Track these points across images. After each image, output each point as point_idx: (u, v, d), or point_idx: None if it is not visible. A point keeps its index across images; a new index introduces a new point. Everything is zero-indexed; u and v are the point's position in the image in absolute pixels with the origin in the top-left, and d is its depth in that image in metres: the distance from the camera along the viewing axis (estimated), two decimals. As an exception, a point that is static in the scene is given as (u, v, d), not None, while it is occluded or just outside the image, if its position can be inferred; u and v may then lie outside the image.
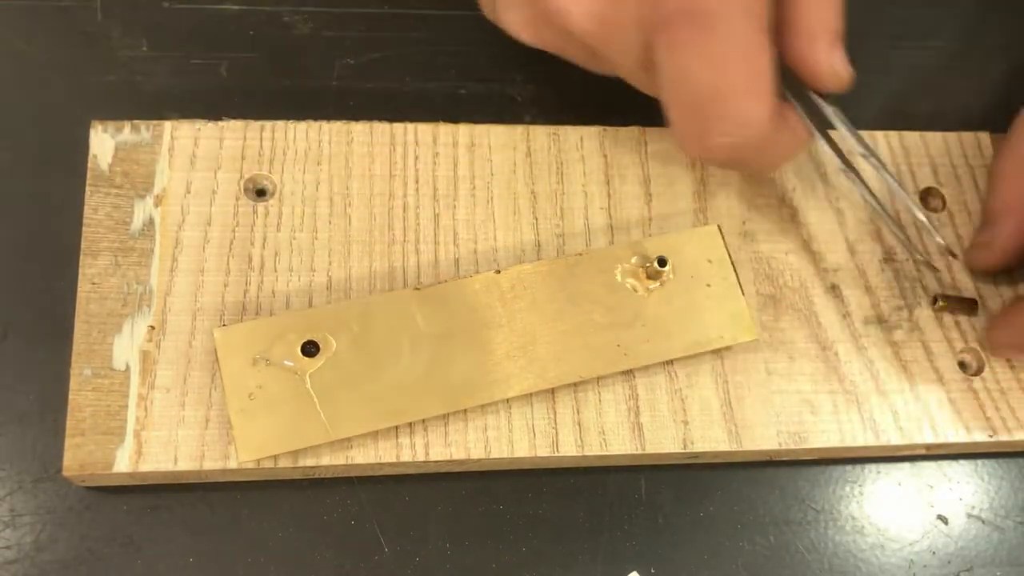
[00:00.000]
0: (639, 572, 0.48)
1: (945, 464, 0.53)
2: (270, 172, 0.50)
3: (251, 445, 0.44)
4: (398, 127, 0.52)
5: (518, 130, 0.54)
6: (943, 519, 0.52)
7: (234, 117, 0.51)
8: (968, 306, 0.53)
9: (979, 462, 0.53)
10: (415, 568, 0.47)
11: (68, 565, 0.45)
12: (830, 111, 0.48)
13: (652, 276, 0.50)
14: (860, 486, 0.52)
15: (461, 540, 0.48)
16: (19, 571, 0.45)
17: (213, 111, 0.51)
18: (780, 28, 0.46)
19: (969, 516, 0.52)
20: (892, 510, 0.52)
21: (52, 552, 0.45)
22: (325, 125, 0.52)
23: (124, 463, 0.44)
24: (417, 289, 0.48)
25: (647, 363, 0.48)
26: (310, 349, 0.46)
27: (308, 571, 0.46)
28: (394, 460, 0.46)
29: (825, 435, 0.50)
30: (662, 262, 0.49)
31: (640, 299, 0.49)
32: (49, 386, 0.47)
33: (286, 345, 0.46)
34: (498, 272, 0.49)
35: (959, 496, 0.52)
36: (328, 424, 0.45)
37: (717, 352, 0.50)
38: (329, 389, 0.45)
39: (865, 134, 0.54)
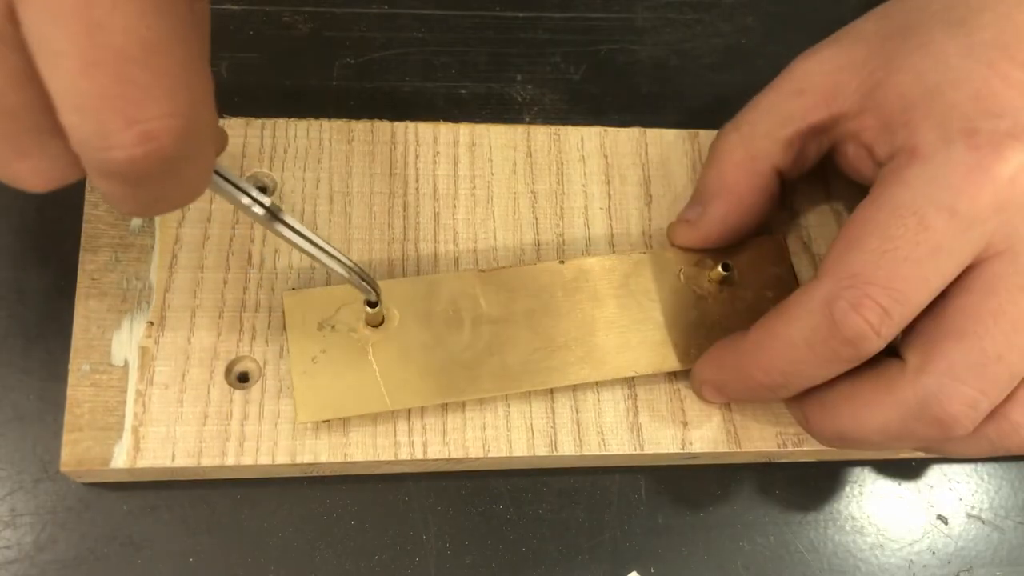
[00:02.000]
0: (639, 572, 0.48)
1: (945, 464, 0.53)
2: (271, 170, 0.50)
3: (310, 407, 0.45)
4: (399, 126, 0.53)
5: (518, 130, 0.54)
6: (943, 519, 0.52)
7: (235, 116, 0.51)
8: None
9: (979, 462, 0.53)
10: (415, 568, 0.47)
11: (68, 565, 0.45)
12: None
13: (715, 280, 0.50)
14: (860, 486, 0.52)
15: (461, 540, 0.48)
16: (19, 571, 0.45)
17: (213, 111, 0.51)
18: None
19: (969, 516, 0.52)
20: (892, 510, 0.52)
21: (52, 552, 0.45)
22: (326, 123, 0.52)
23: (122, 459, 0.44)
24: (482, 271, 0.49)
25: None
26: (375, 318, 0.46)
27: (308, 571, 0.46)
28: (392, 458, 0.46)
29: None
30: (726, 267, 0.49)
31: (702, 301, 0.50)
32: (49, 386, 0.47)
33: (352, 313, 0.46)
34: (562, 262, 0.49)
35: (959, 496, 0.52)
36: (387, 394, 0.45)
37: None
38: (390, 360, 0.46)
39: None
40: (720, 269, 0.49)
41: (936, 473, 0.53)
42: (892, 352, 0.43)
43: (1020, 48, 0.41)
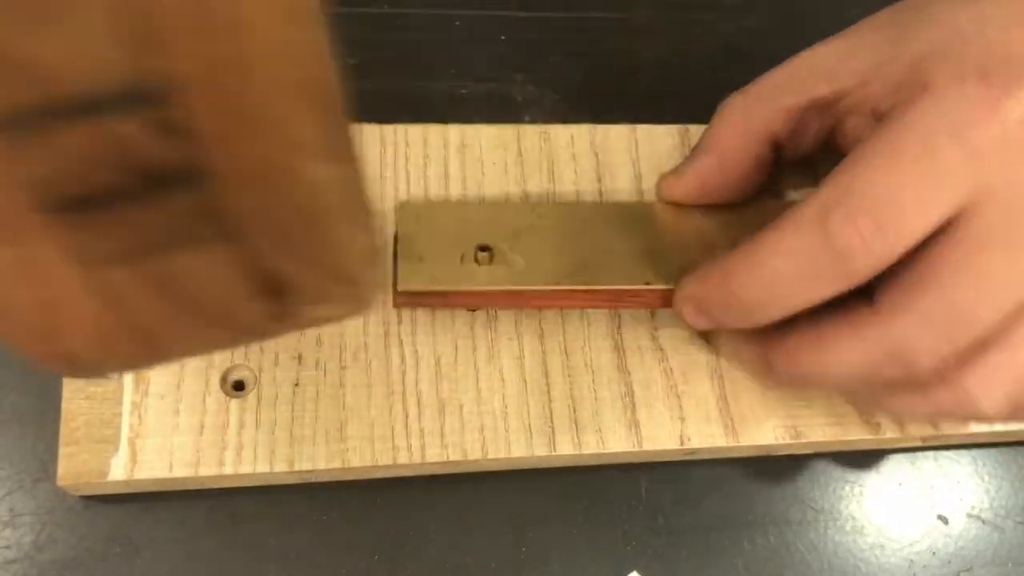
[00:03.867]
0: (639, 572, 0.48)
1: (946, 464, 0.53)
2: (261, 175, 0.50)
3: (415, 276, 0.47)
4: (387, 128, 0.53)
5: (508, 130, 0.54)
6: (943, 519, 0.52)
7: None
8: None
9: (980, 462, 0.53)
10: (415, 569, 0.47)
11: (67, 565, 0.45)
12: None
13: None
14: (860, 486, 0.52)
15: (461, 540, 0.48)
16: (19, 571, 0.45)
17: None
18: None
19: (969, 516, 0.52)
20: (892, 510, 0.52)
21: (52, 552, 0.45)
22: (319, 125, 0.51)
23: (119, 471, 0.44)
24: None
25: None
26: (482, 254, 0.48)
27: (308, 572, 0.47)
28: (390, 462, 0.46)
29: (822, 429, 0.50)
30: None
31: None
32: (49, 386, 0.47)
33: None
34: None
35: (959, 496, 0.52)
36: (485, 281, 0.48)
37: (712, 349, 0.50)
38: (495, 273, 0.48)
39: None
40: None
41: (937, 473, 0.52)
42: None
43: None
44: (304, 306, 0.29)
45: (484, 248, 0.48)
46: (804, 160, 0.51)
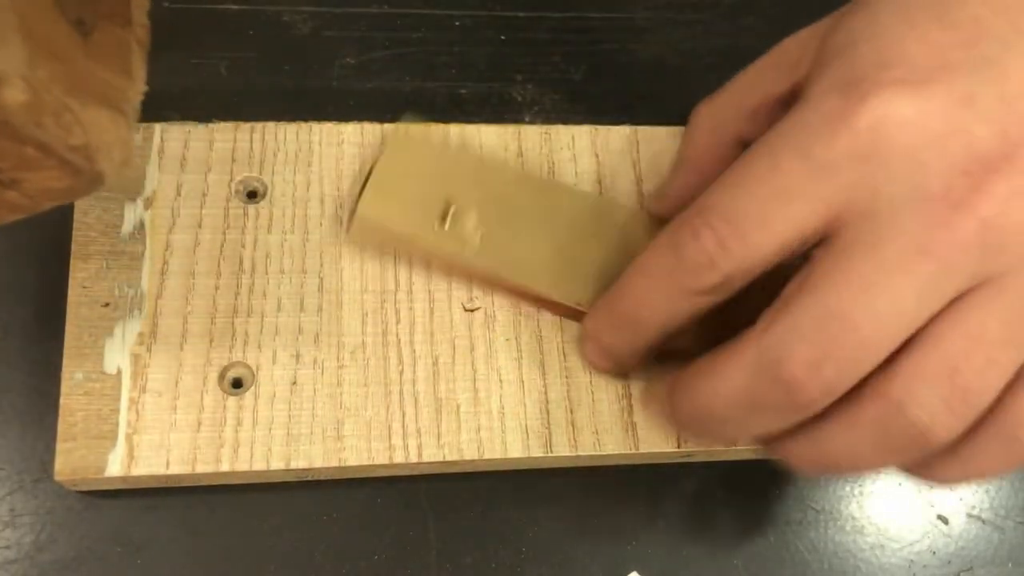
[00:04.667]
0: (639, 572, 0.48)
1: (946, 463, 0.53)
2: (260, 174, 0.50)
3: (377, 207, 0.48)
4: (389, 127, 0.52)
5: (509, 130, 0.54)
6: (943, 519, 0.51)
7: (233, 117, 0.51)
8: None
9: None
10: (414, 569, 0.47)
11: (68, 565, 0.45)
12: None
13: None
14: (860, 486, 0.52)
15: (460, 540, 0.48)
16: (19, 571, 0.45)
17: (213, 111, 0.52)
18: None
19: (969, 516, 0.52)
20: (892, 510, 0.51)
21: (52, 552, 0.45)
22: (316, 126, 0.52)
23: (116, 467, 0.44)
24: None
25: None
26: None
27: (308, 571, 0.47)
28: (387, 462, 0.46)
29: None
30: None
31: None
32: (49, 386, 0.47)
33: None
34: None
35: (959, 496, 0.52)
36: (443, 239, 0.48)
37: None
38: (462, 223, 0.48)
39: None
40: None
41: (936, 473, 0.52)
42: None
43: (953, 10, 0.39)
44: (16, 172, 0.31)
45: (448, 211, 0.48)
46: None
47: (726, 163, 0.45)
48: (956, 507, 0.52)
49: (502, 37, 0.53)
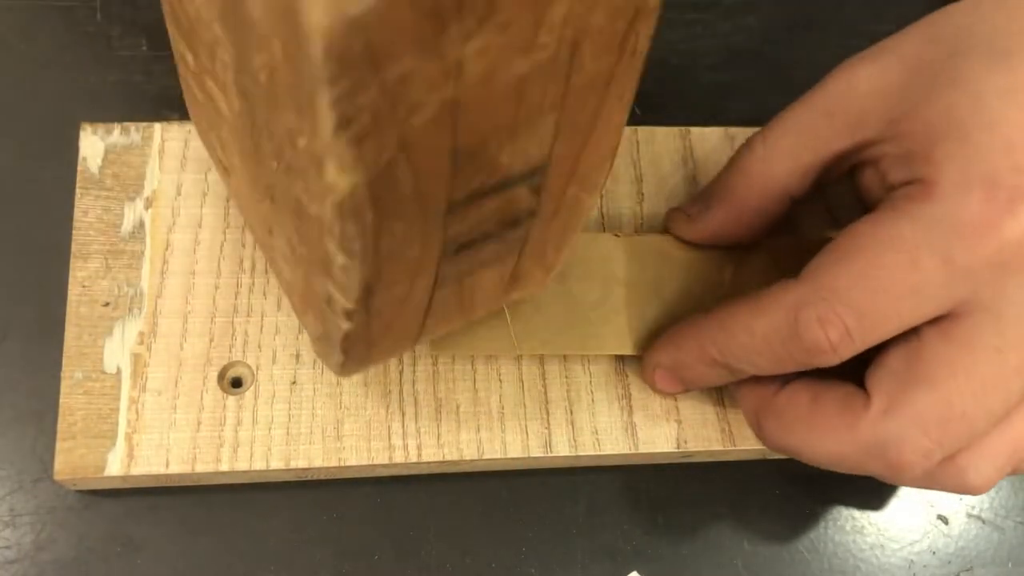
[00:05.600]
0: (639, 572, 0.48)
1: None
2: (261, 173, 0.50)
3: (441, 341, 0.46)
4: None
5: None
6: (943, 519, 0.51)
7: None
8: None
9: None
10: (414, 568, 0.47)
11: (67, 565, 0.45)
12: None
13: None
14: (860, 486, 0.51)
15: (460, 540, 0.48)
16: (19, 571, 0.45)
17: (213, 111, 0.52)
18: None
19: (969, 516, 0.52)
20: (892, 510, 0.51)
21: (52, 552, 0.45)
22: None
23: (116, 466, 0.44)
24: (616, 235, 0.49)
25: None
26: None
27: (307, 571, 0.47)
28: (387, 461, 0.46)
29: None
30: None
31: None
32: (49, 386, 0.47)
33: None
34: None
35: (959, 496, 0.52)
36: (516, 339, 0.46)
37: None
38: (522, 308, 0.47)
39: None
40: None
41: (936, 473, 0.52)
42: (856, 366, 0.42)
43: None
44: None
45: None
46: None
47: (769, 215, 0.46)
48: (956, 507, 0.52)
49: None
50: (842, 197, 0.50)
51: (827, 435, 0.42)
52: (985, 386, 0.39)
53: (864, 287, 0.39)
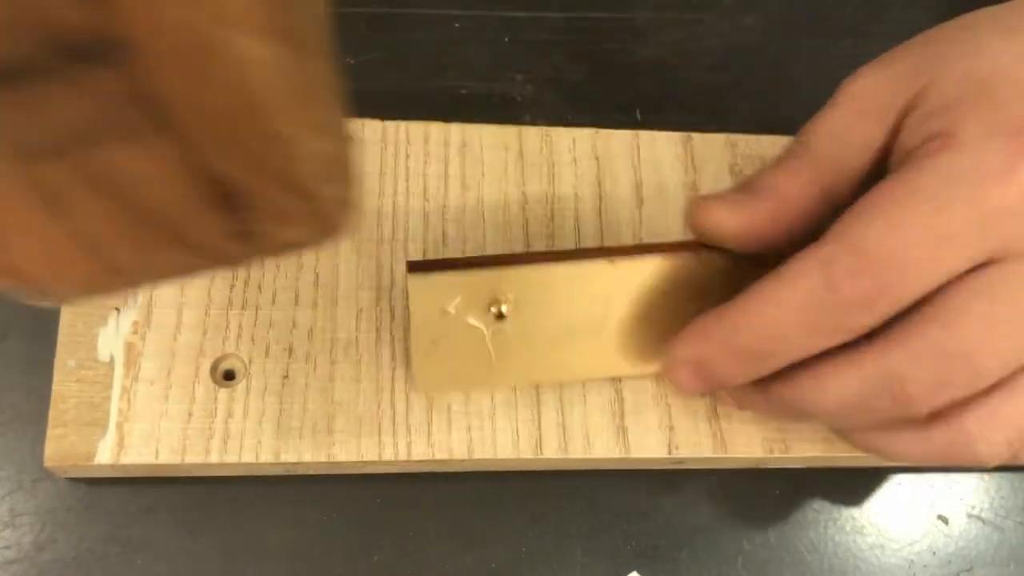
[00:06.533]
0: (639, 572, 0.48)
1: (946, 463, 0.52)
2: (259, 167, 0.50)
3: (430, 381, 0.46)
4: (390, 125, 0.53)
5: (510, 131, 0.54)
6: (943, 519, 0.51)
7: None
8: None
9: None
10: (414, 568, 0.47)
11: (68, 565, 0.46)
12: None
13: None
14: (860, 486, 0.51)
15: (460, 540, 0.48)
16: (19, 571, 0.45)
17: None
18: None
19: (969, 516, 0.51)
20: (892, 510, 0.51)
21: (52, 552, 0.46)
22: (316, 123, 0.52)
23: (106, 455, 0.44)
24: (611, 262, 0.46)
25: None
26: (498, 313, 0.46)
27: (307, 571, 0.47)
28: (376, 459, 0.46)
29: (811, 444, 0.49)
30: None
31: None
32: (49, 386, 0.47)
33: (477, 302, 0.45)
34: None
35: (959, 496, 0.52)
36: (499, 375, 0.47)
37: None
38: (507, 344, 0.46)
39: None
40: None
41: (937, 473, 0.52)
42: None
43: None
44: (262, 223, 0.26)
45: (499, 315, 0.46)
46: None
47: (808, 219, 0.44)
48: (956, 507, 0.52)
49: (502, 37, 0.53)
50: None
51: (831, 374, 0.41)
52: (1001, 336, 0.39)
53: (894, 238, 0.38)
